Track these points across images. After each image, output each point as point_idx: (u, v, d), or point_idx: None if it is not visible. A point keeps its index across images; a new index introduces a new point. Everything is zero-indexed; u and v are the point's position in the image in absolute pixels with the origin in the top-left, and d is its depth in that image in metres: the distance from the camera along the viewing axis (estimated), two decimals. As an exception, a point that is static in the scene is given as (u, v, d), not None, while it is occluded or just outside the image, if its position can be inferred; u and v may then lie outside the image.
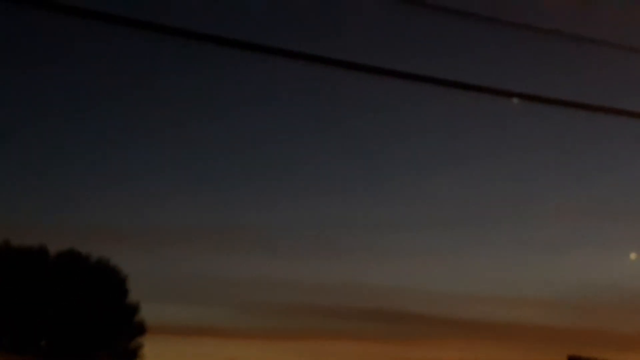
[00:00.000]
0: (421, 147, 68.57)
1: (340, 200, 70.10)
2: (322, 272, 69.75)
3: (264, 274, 69.42)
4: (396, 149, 68.45)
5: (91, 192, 67.15)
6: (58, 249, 42.48)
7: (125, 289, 43.47)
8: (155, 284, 61.38)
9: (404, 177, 71.89)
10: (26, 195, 64.72)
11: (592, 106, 10.81)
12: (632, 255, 64.84)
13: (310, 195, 72.03)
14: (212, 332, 62.08)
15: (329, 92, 56.03)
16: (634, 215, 66.45)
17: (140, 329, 43.53)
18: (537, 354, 64.73)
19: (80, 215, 65.50)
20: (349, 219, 70.42)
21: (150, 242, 62.05)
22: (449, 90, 10.25)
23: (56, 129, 67.89)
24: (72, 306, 40.49)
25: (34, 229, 56.50)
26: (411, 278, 72.40)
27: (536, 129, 56.59)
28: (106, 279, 42.87)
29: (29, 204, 64.57)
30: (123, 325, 43.00)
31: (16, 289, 39.70)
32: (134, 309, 43.53)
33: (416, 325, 66.33)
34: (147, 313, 44.31)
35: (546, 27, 13.19)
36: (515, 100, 11.58)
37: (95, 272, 42.68)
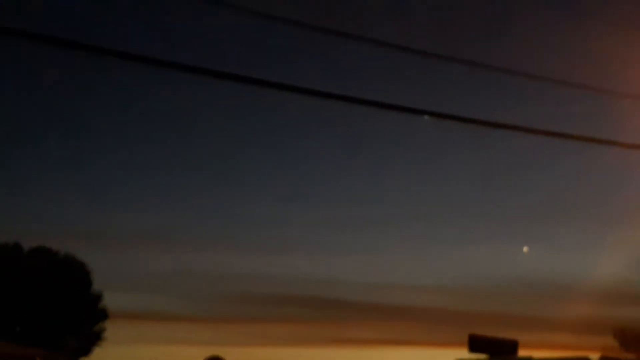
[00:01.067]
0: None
1: (282, 204, 71.83)
2: (265, 266, 71.40)
3: (213, 267, 70.91)
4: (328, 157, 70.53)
5: (62, 196, 68.02)
6: (31, 246, 43.08)
7: (90, 280, 43.96)
8: (116, 276, 62.40)
9: (337, 183, 73.98)
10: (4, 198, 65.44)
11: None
12: (525, 249, 67.96)
13: (256, 199, 73.60)
14: (165, 317, 63.34)
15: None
16: (527, 216, 69.41)
17: (103, 315, 44.42)
18: (443, 333, 66.82)
19: (52, 216, 66.29)
20: (289, 220, 72.10)
21: (113, 240, 63.11)
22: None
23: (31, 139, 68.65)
24: (43, 296, 40.80)
25: (9, 228, 57.17)
26: (341, 271, 74.51)
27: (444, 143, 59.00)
28: (73, 271, 43.33)
29: (5, 206, 65.26)
30: (88, 312, 43.65)
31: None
32: (98, 297, 44.31)
33: (343, 311, 68.11)
34: (109, 301, 45.36)
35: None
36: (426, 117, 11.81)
37: (63, 266, 43.14)
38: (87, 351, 43.56)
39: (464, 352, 13.05)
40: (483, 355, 12.86)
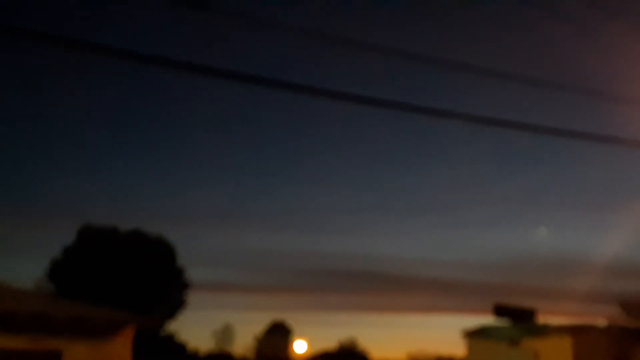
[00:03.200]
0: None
1: (338, 193, 72.16)
2: (324, 244, 71.89)
3: (278, 245, 71.60)
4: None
5: (152, 184, 69.13)
6: (126, 229, 43.75)
7: (174, 257, 44.37)
8: (198, 252, 63.29)
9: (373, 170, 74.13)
10: (101, 189, 66.65)
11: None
12: (542, 229, 67.17)
13: (300, 187, 74.06)
14: (237, 288, 64.03)
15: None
16: (544, 200, 68.74)
17: (186, 286, 44.79)
18: (471, 302, 66.54)
19: (145, 202, 67.53)
20: (346, 206, 72.53)
21: (197, 222, 64.10)
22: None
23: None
24: (136, 271, 41.53)
25: (109, 214, 58.16)
26: (385, 250, 74.71)
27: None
28: (160, 250, 43.78)
29: (106, 194, 66.53)
30: (173, 283, 44.10)
31: (97, 259, 41.16)
32: (181, 271, 44.71)
33: (387, 283, 68.20)
34: (191, 274, 45.72)
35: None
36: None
37: (153, 246, 43.59)
38: (172, 315, 43.93)
39: (489, 318, 12.93)
40: (506, 321, 12.75)
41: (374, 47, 11.51)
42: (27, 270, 67.57)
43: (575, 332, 36.71)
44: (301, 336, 58.55)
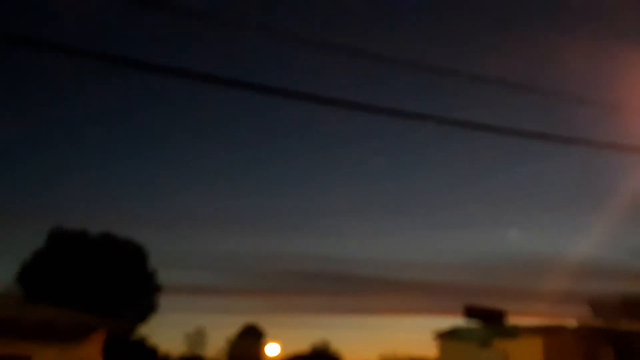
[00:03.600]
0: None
1: (298, 194, 72.19)
2: (296, 246, 71.83)
3: (250, 246, 71.36)
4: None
5: (123, 187, 68.62)
6: (97, 231, 43.29)
7: (145, 260, 43.97)
8: (169, 254, 62.90)
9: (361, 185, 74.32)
10: (74, 190, 66.08)
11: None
12: (513, 231, 67.73)
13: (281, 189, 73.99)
14: (208, 290, 63.74)
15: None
16: (514, 202, 69.34)
17: (157, 289, 44.40)
18: (442, 303, 66.81)
19: (114, 204, 66.99)
20: (320, 207, 72.61)
21: (167, 223, 63.77)
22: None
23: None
24: (106, 274, 41.03)
25: (78, 216, 57.64)
26: (358, 251, 74.86)
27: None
28: (131, 253, 43.40)
29: (75, 197, 65.93)
30: (143, 287, 43.63)
31: (67, 262, 40.70)
32: (152, 274, 44.32)
33: (359, 284, 68.38)
34: (163, 277, 45.37)
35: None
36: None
37: (123, 249, 43.15)
38: (143, 319, 43.49)
39: (460, 320, 12.99)
40: (476, 322, 12.80)
41: (347, 50, 11.58)
42: (-4, 274, 66.82)
43: (546, 332, 37.02)
44: (274, 339, 58.51)
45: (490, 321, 12.81)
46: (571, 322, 44.98)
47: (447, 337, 36.77)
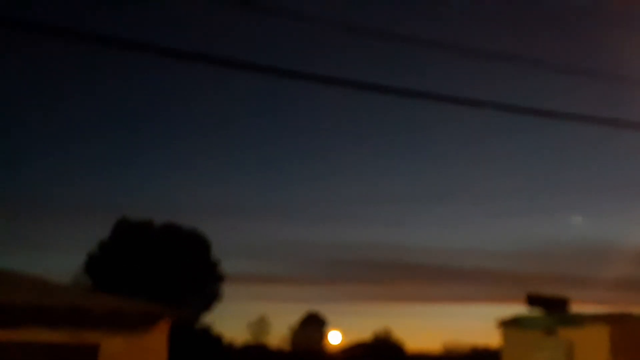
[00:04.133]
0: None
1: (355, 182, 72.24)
2: (355, 237, 71.94)
3: (311, 237, 71.80)
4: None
5: (186, 178, 69.63)
6: (161, 222, 44.34)
7: (209, 249, 44.72)
8: (233, 244, 63.55)
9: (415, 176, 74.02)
10: (138, 181, 67.34)
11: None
12: (577, 218, 66.60)
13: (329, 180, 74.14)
14: (271, 279, 64.26)
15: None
16: (577, 189, 68.10)
17: (220, 278, 45.13)
18: (505, 291, 66.08)
19: (178, 194, 68.06)
20: (377, 199, 72.57)
21: (231, 214, 64.52)
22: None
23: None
24: (171, 264, 41.96)
25: (144, 207, 58.65)
26: (416, 240, 74.59)
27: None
28: (195, 243, 44.21)
29: (139, 190, 67.18)
30: (207, 276, 44.45)
31: (132, 253, 41.56)
32: (215, 264, 45.06)
33: (418, 273, 68.05)
34: (226, 266, 46.02)
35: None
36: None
37: (187, 238, 44.02)
38: (207, 308, 44.19)
39: (522, 308, 12.84)
40: (539, 310, 12.65)
41: (399, 37, 11.52)
42: (64, 264, 68.48)
43: (612, 320, 36.21)
44: (336, 327, 58.60)
45: (553, 309, 12.65)
46: (638, 310, 44.01)
47: (510, 325, 36.34)
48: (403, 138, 72.02)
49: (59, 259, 60.09)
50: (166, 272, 41.67)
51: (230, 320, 76.77)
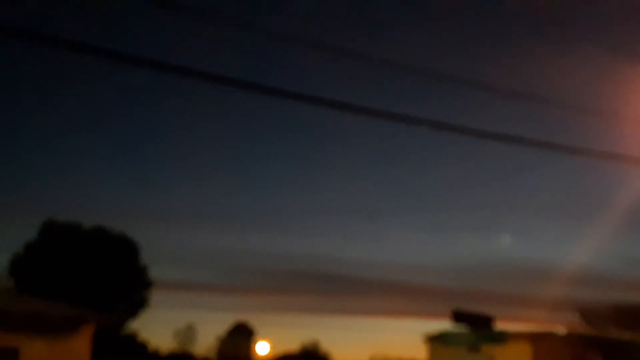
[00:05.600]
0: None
1: (301, 196, 72.45)
2: (287, 246, 71.98)
3: (242, 245, 71.51)
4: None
5: (117, 181, 68.67)
6: (90, 225, 43.24)
7: (137, 254, 43.89)
8: (162, 250, 62.89)
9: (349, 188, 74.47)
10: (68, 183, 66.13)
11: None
12: (505, 237, 67.93)
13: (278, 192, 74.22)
14: (200, 287, 63.82)
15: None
16: (504, 209, 69.59)
17: (149, 284, 44.36)
18: (431, 306, 66.85)
19: (108, 198, 67.01)
20: (309, 208, 72.86)
21: (160, 220, 63.75)
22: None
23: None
24: (98, 268, 40.96)
25: (73, 210, 57.56)
26: (347, 252, 75.02)
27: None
28: (123, 247, 43.35)
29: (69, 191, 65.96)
30: (135, 282, 43.65)
31: (59, 255, 40.68)
32: (143, 269, 44.28)
33: (347, 285, 68.47)
34: (154, 273, 45.28)
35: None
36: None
37: (116, 243, 43.12)
38: (133, 314, 43.52)
39: (448, 324, 13.03)
40: (464, 327, 12.85)
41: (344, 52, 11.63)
42: (-13, 265, 66.74)
43: (534, 338, 37.04)
44: (264, 337, 58.46)
45: (478, 326, 12.86)
46: (560, 329, 45.08)
47: (436, 340, 36.86)
48: (338, 153, 72.50)
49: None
50: (93, 276, 40.76)
51: (157, 327, 75.84)
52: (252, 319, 61.62)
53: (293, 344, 59.71)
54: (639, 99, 17.27)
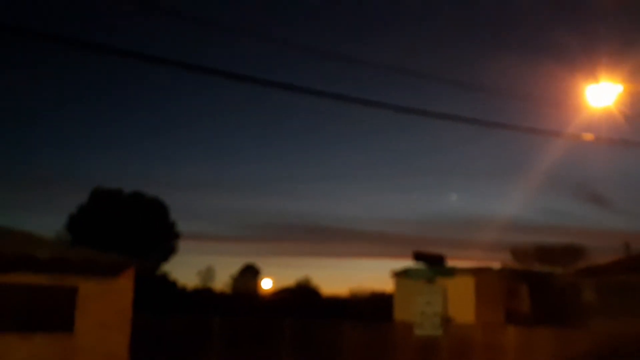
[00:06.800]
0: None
1: (282, 165, 72.44)
2: (284, 204, 72.26)
3: (243, 206, 71.68)
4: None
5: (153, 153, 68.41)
6: (129, 190, 43.31)
7: (167, 213, 43.82)
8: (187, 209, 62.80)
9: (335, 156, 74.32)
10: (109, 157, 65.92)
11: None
12: (453, 195, 68.23)
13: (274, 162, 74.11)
14: (217, 238, 64.14)
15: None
16: (458, 175, 69.82)
17: (176, 236, 44.35)
18: (396, 252, 67.55)
19: (146, 168, 67.12)
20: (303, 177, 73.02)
21: (186, 186, 63.87)
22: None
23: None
24: (136, 225, 41.10)
25: (116, 178, 57.43)
26: (331, 208, 75.41)
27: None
28: (155, 208, 43.33)
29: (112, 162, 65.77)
30: (165, 234, 43.57)
31: (105, 215, 40.68)
32: (172, 224, 44.17)
33: (330, 234, 69.14)
34: (181, 226, 45.24)
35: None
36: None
37: (150, 204, 43.22)
38: (165, 259, 43.55)
39: (410, 263, 13.19)
40: (423, 264, 13.07)
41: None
42: (50, 223, 66.72)
43: (476, 273, 37.52)
44: (268, 276, 58.88)
45: (433, 263, 13.05)
46: (496, 265, 45.63)
47: (400, 275, 37.37)
48: (325, 135, 72.82)
49: (45, 219, 58.47)
50: (132, 231, 40.77)
51: (183, 269, 76.41)
52: (259, 262, 61.87)
53: (290, 281, 60.15)
54: (552, 86, 17.39)
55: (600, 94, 13.12)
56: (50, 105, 64.06)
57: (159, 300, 29.92)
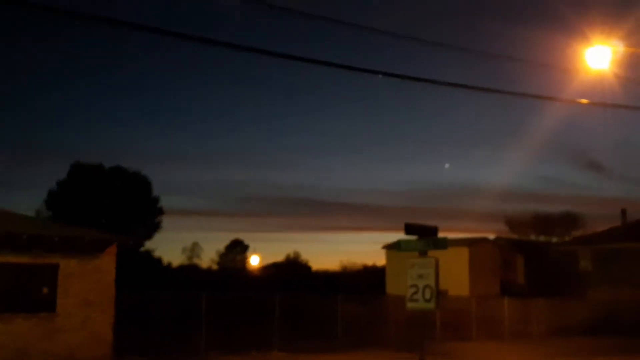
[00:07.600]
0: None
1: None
2: (275, 178, 72.41)
3: (239, 177, 71.74)
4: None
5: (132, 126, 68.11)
6: (110, 165, 43.25)
7: (150, 188, 44.04)
8: (171, 183, 62.59)
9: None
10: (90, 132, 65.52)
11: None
12: (447, 166, 68.50)
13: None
14: (203, 213, 64.15)
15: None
16: (452, 143, 69.98)
17: (160, 212, 44.62)
18: (388, 224, 67.96)
19: (127, 142, 66.90)
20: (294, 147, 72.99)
21: (170, 159, 63.75)
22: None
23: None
24: (118, 200, 41.34)
25: (96, 152, 57.17)
26: (323, 181, 75.65)
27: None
28: (138, 183, 43.39)
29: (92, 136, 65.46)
30: (149, 210, 43.84)
31: (86, 190, 40.58)
32: (156, 199, 44.44)
33: (323, 207, 69.46)
34: (165, 202, 45.43)
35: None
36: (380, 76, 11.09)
37: (132, 179, 43.24)
38: (149, 236, 43.64)
39: (402, 235, 13.28)
40: (414, 236, 13.13)
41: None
42: (28, 200, 66.53)
43: (470, 243, 37.90)
44: (255, 252, 59.12)
45: (425, 235, 13.14)
46: (491, 235, 46.07)
47: (392, 248, 37.69)
48: (315, 105, 72.64)
49: (23, 195, 58.22)
50: (114, 207, 40.96)
51: (168, 246, 76.59)
52: (246, 237, 62.12)
53: (279, 256, 60.51)
54: (548, 50, 17.38)
55: (597, 56, 13.17)
56: (28, 82, 63.52)
57: (143, 277, 30.04)
